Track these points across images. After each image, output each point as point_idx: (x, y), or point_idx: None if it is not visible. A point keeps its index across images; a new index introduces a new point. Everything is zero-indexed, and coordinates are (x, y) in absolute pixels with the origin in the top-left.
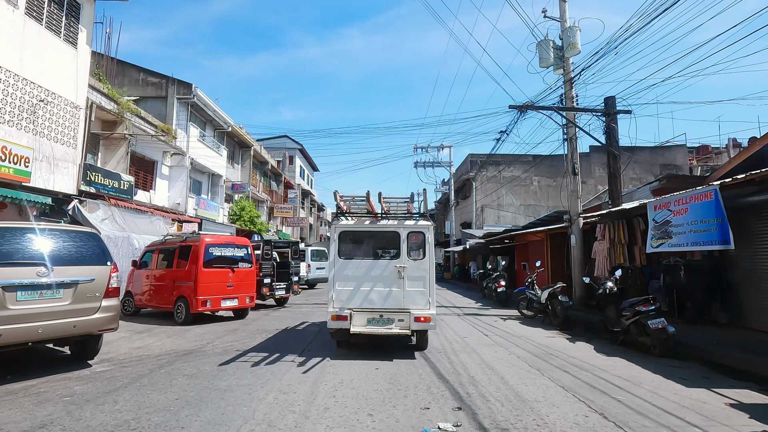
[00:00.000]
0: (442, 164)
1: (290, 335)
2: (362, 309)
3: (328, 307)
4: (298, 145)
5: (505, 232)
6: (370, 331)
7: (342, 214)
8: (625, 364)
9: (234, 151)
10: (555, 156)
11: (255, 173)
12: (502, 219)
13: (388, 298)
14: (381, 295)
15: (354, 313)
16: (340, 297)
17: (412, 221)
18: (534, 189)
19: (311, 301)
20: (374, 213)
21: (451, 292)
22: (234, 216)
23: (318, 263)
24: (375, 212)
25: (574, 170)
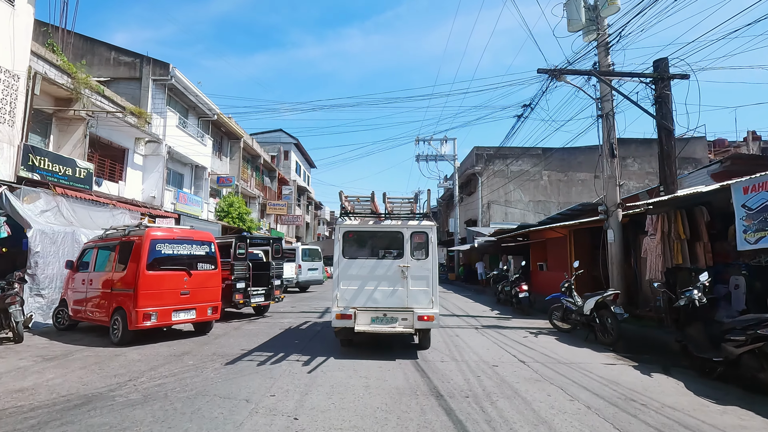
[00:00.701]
0: (446, 158)
1: (254, 368)
2: (366, 308)
3: (332, 306)
4: (293, 139)
5: (518, 228)
6: (374, 330)
7: (346, 215)
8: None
9: (222, 143)
10: (567, 149)
11: (245, 167)
12: (510, 216)
13: (391, 298)
14: (385, 294)
15: (358, 312)
16: (344, 296)
17: (415, 221)
18: (544, 184)
19: (298, 307)
20: (377, 213)
21: (458, 296)
22: (221, 212)
23: (310, 263)
24: (378, 212)
25: (612, 151)
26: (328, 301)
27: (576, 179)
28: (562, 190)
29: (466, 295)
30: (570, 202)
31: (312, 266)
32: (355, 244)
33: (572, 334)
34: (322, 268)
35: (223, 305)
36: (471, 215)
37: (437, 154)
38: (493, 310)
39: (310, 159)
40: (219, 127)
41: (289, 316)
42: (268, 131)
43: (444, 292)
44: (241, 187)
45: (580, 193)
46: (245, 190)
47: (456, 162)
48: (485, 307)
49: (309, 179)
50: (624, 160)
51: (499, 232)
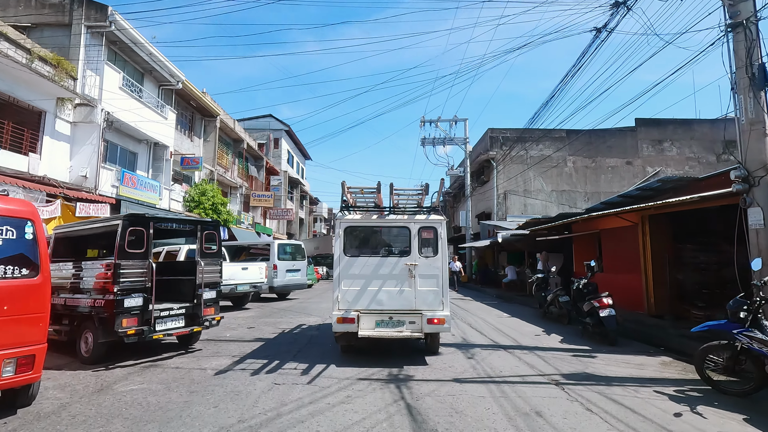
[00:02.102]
0: (456, 141)
1: None
2: (370, 310)
3: (333, 309)
4: (284, 126)
5: (560, 217)
6: (379, 335)
7: (347, 208)
8: None
9: (193, 121)
10: (594, 131)
11: (224, 152)
12: (529, 208)
13: (398, 299)
14: (390, 295)
15: (361, 315)
16: (346, 298)
17: (423, 216)
18: (568, 171)
19: (260, 328)
20: (380, 207)
21: (482, 305)
22: (191, 202)
23: (289, 263)
24: (381, 206)
25: (757, 80)
26: (308, 316)
27: (605, 165)
28: (589, 178)
29: (490, 303)
30: (599, 192)
31: (293, 267)
32: (357, 241)
33: (758, 402)
34: (308, 268)
35: (99, 336)
36: (484, 207)
37: (446, 136)
38: (549, 334)
39: (305, 149)
40: (188, 101)
41: (232, 349)
42: (255, 117)
43: (459, 299)
44: (218, 174)
45: (610, 181)
46: (223, 178)
47: (468, 146)
48: (533, 327)
49: (303, 172)
50: (659, 144)
51: (534, 222)
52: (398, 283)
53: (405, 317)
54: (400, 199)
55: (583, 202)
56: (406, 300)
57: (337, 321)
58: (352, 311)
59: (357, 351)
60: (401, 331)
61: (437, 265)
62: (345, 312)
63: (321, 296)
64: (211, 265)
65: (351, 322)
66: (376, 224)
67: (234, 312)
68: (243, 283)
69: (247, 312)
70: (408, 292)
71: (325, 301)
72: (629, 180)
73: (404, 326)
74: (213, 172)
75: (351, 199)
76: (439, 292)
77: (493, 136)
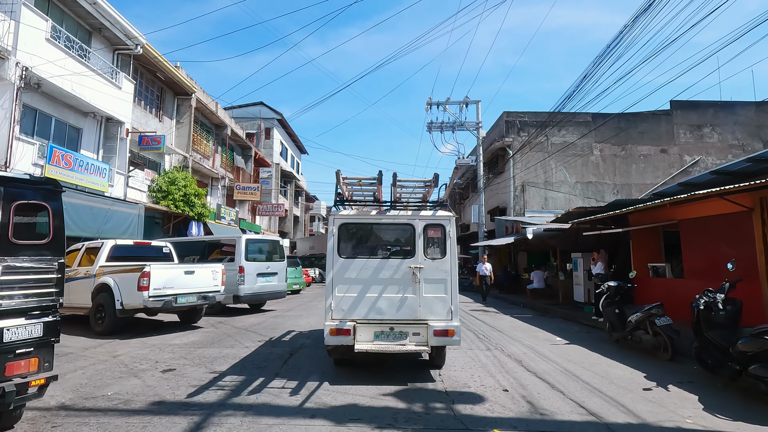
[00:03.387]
0: (466, 126)
1: None
2: (369, 320)
3: (326, 319)
4: (276, 114)
5: (614, 206)
6: (378, 349)
7: (342, 203)
8: None
9: (162, 98)
10: (624, 115)
11: (201, 136)
12: (551, 202)
13: (400, 307)
14: (392, 302)
15: (358, 326)
16: (340, 306)
17: (429, 212)
18: (595, 161)
19: (169, 383)
20: (379, 201)
21: (518, 322)
22: (157, 192)
23: (262, 265)
24: (381, 200)
25: None
26: (273, 343)
27: (636, 154)
28: (619, 168)
29: (523, 317)
30: (629, 184)
31: (266, 269)
32: (353, 240)
33: None
34: (294, 271)
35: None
36: (498, 202)
37: (455, 121)
38: (667, 388)
39: (300, 143)
40: (155, 74)
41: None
42: (245, 105)
43: (482, 311)
44: (194, 161)
45: (643, 172)
46: (201, 167)
47: (480, 131)
48: (623, 369)
49: (299, 167)
50: (698, 129)
51: (579, 213)
52: (400, 288)
53: (408, 328)
54: (403, 192)
55: (612, 195)
56: (409, 308)
57: (330, 333)
58: (347, 321)
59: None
60: (404, 344)
61: (445, 268)
62: (339, 322)
63: (306, 306)
64: (25, 272)
65: (346, 333)
66: (375, 221)
67: (173, 334)
68: (186, 293)
69: (190, 335)
70: (412, 299)
71: (310, 313)
72: (664, 170)
73: (407, 338)
74: (187, 158)
75: (347, 192)
76: (447, 299)
77: (509, 120)
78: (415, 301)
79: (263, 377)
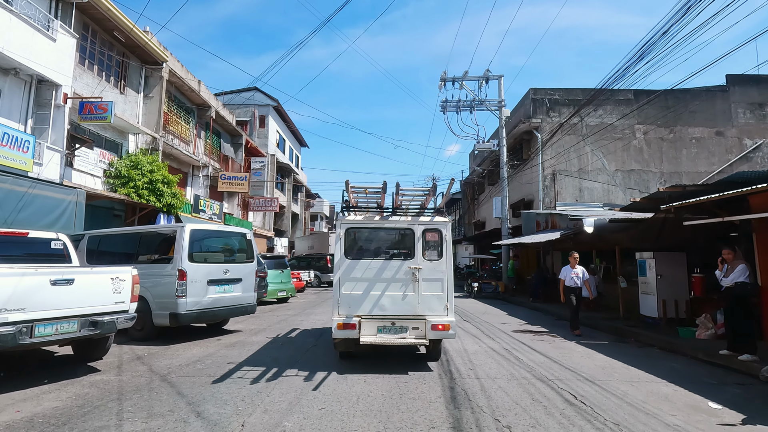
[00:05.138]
0: (487, 105)
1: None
2: (372, 316)
3: (333, 315)
4: (272, 101)
5: (731, 184)
6: (381, 342)
7: (348, 209)
8: None
9: (125, 67)
10: (672, 92)
11: (179, 117)
12: (586, 193)
13: (401, 304)
14: (393, 300)
15: (363, 321)
16: (347, 302)
17: (427, 217)
18: (638, 145)
19: None
20: (381, 208)
21: (609, 361)
22: (116, 178)
23: (216, 269)
24: (383, 207)
25: None
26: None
27: (687, 137)
28: (666, 154)
29: (598, 346)
30: (679, 172)
31: (224, 274)
32: (359, 243)
33: None
34: (281, 274)
35: None
36: (523, 194)
37: (473, 99)
38: None
39: (300, 135)
40: (112, 33)
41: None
42: (237, 90)
43: (545, 335)
44: (166, 143)
45: (695, 157)
46: (178, 152)
47: (503, 111)
48: None
49: (298, 160)
50: (760, 109)
51: (677, 194)
52: (401, 287)
53: (408, 323)
54: (404, 200)
55: (659, 184)
56: (409, 305)
57: (337, 327)
58: (353, 317)
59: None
60: (404, 338)
61: (442, 268)
62: (346, 318)
63: (288, 323)
64: None
65: (352, 328)
66: (378, 225)
67: (22, 392)
68: (55, 317)
69: (58, 392)
70: (412, 296)
71: (289, 339)
72: (720, 156)
73: (407, 332)
74: (156, 140)
75: (353, 199)
76: (443, 296)
77: (536, 98)
78: (414, 298)
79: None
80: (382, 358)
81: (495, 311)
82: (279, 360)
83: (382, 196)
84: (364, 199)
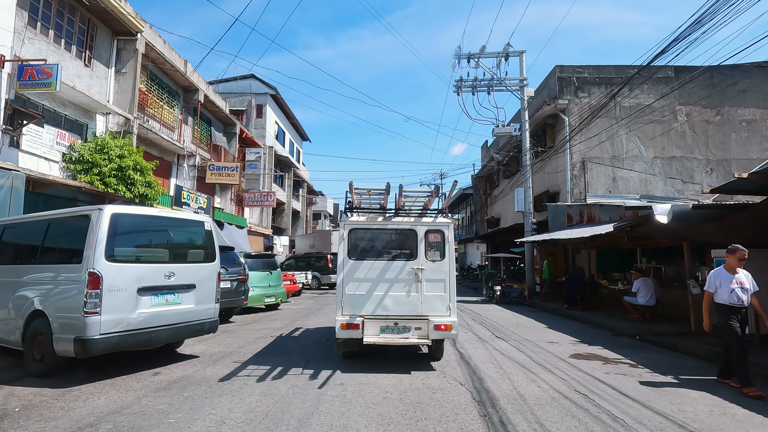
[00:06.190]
0: (507, 85)
1: None
2: (375, 316)
3: (336, 315)
4: (270, 89)
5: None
6: (384, 342)
7: (351, 210)
8: None
9: (92, 35)
10: (717, 68)
11: (161, 98)
12: (621, 184)
13: (404, 304)
14: (396, 300)
15: (366, 321)
16: (350, 302)
17: (429, 218)
18: (680, 129)
19: None
20: (385, 209)
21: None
22: (79, 164)
23: (154, 271)
24: (386, 208)
25: None
26: None
27: (736, 119)
28: (712, 139)
29: (733, 399)
30: (728, 159)
31: (167, 279)
32: (362, 243)
33: None
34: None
35: None
36: (547, 185)
37: (492, 77)
38: None
39: (301, 128)
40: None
41: None
42: (233, 78)
43: (600, 364)
44: (142, 125)
45: (745, 143)
46: (155, 136)
47: (526, 90)
48: None
49: (300, 155)
50: None
51: None
52: (404, 287)
53: (411, 323)
54: (407, 201)
55: (704, 174)
56: (412, 305)
57: (341, 327)
58: (356, 317)
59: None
60: (407, 338)
61: (444, 269)
62: (349, 318)
63: (267, 340)
64: None
65: (355, 328)
66: (382, 226)
67: None
68: None
69: None
70: (414, 297)
71: (265, 378)
72: None
73: (410, 332)
74: (130, 122)
75: (356, 200)
76: (446, 297)
77: (563, 77)
78: (417, 298)
79: None
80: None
81: (529, 322)
82: (232, 425)
83: (385, 197)
84: (368, 201)
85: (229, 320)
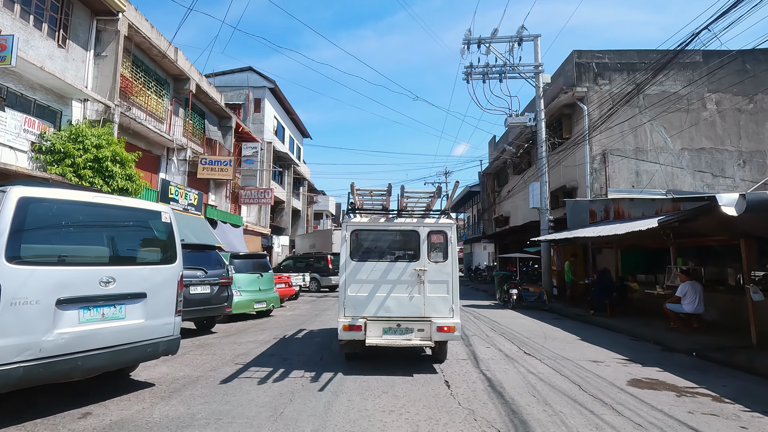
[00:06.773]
0: (520, 71)
1: None
2: (378, 317)
3: (339, 317)
4: (268, 82)
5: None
6: (386, 343)
7: (353, 211)
8: None
9: (66, 12)
10: (751, 53)
11: (146, 85)
12: (645, 178)
13: (406, 305)
14: (399, 301)
15: (369, 323)
16: (352, 304)
17: (432, 219)
18: (709, 118)
19: None
20: (387, 210)
21: None
22: (50, 154)
23: (81, 275)
24: (388, 209)
25: None
26: None
27: None
28: (745, 129)
29: None
30: (762, 151)
31: (109, 287)
32: (364, 245)
33: None
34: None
35: None
36: (565, 179)
37: (504, 63)
38: None
39: (302, 124)
40: None
41: None
42: (230, 71)
43: (675, 397)
44: (124, 114)
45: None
46: (145, 129)
47: (541, 77)
48: None
49: (300, 152)
50: None
51: None
52: (407, 289)
53: (414, 324)
54: (409, 202)
55: (736, 167)
56: (414, 307)
57: (343, 329)
58: (359, 318)
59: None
60: (410, 339)
61: (447, 270)
62: (351, 319)
63: (249, 356)
64: None
65: (358, 329)
66: (384, 227)
67: None
68: None
69: None
70: (417, 298)
71: (231, 425)
72: None
73: (413, 334)
74: (110, 109)
75: (358, 201)
76: (448, 298)
77: (581, 62)
78: (419, 300)
79: None
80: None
81: (557, 333)
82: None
83: (387, 198)
84: (370, 202)
85: (211, 330)
